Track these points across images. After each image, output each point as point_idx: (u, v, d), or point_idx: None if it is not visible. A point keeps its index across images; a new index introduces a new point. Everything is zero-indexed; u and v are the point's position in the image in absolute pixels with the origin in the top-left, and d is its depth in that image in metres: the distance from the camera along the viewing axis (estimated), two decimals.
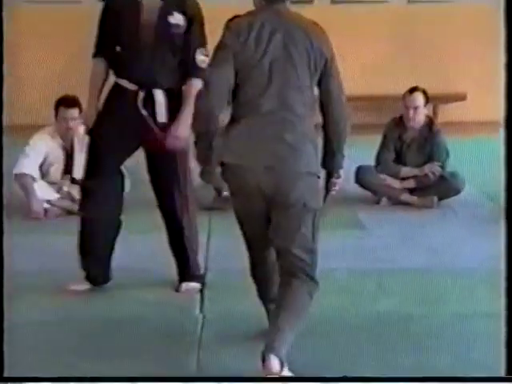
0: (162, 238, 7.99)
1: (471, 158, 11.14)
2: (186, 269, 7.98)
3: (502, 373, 5.16)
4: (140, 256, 8.57)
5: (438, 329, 6.90)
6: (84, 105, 9.51)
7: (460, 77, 15.66)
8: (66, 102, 10.25)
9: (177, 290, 7.90)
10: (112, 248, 7.95)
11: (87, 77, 7.79)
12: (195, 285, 7.91)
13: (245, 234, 6.40)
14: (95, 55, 7.81)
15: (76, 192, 10.19)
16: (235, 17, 6.29)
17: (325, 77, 6.10)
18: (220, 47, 6.03)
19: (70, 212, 10.22)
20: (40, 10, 16.44)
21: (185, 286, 7.89)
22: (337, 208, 10.35)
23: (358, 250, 8.94)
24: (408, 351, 6.49)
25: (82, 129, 9.36)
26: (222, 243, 9.09)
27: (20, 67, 15.74)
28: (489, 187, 10.81)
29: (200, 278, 8.00)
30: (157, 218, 7.93)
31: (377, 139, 10.92)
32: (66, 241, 9.15)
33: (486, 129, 14.45)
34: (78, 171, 10.00)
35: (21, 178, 10.27)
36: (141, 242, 8.98)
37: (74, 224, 9.42)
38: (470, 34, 15.89)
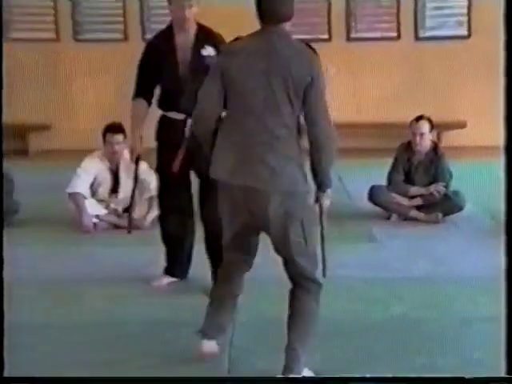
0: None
1: (471, 179, 11.14)
2: None
3: (502, 373, 4.85)
4: None
5: (443, 331, 6.88)
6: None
7: (461, 107, 15.65)
8: (113, 128, 10.30)
9: None
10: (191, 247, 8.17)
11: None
12: None
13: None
14: (135, 97, 7.88)
15: (121, 208, 10.32)
16: (236, 38, 6.35)
17: (305, 103, 5.91)
18: (213, 65, 6.22)
19: (116, 226, 10.28)
20: (91, 47, 16.47)
21: None
22: (352, 223, 10.42)
23: (371, 261, 8.89)
24: (418, 351, 6.49)
25: (126, 152, 9.48)
26: None
27: (72, 97, 15.82)
28: (487, 205, 10.83)
29: None
30: None
31: (387, 162, 10.92)
32: (112, 252, 9.24)
33: (484, 153, 14.46)
34: (124, 191, 10.26)
35: (74, 196, 10.34)
36: None
37: (120, 236, 9.53)
38: (471, 69, 15.88)
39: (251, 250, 6.35)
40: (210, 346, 6.35)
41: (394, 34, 16.44)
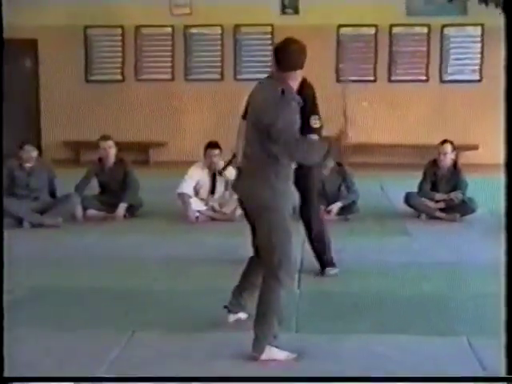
0: None
1: (481, 189, 11.03)
2: (326, 260, 7.74)
3: (503, 372, 4.36)
4: None
5: (463, 305, 6.76)
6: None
7: (474, 134, 15.54)
8: (212, 145, 10.29)
9: (322, 274, 7.69)
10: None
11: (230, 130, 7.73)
12: (336, 269, 7.71)
13: None
14: (242, 118, 7.67)
15: (216, 205, 10.28)
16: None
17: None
18: None
19: (212, 218, 10.26)
20: (197, 84, 16.46)
21: (330, 270, 7.69)
22: (391, 221, 10.34)
23: (406, 250, 8.86)
24: (441, 319, 6.41)
25: (221, 163, 9.50)
26: None
27: (182, 122, 15.81)
28: (493, 209, 10.68)
29: (335, 265, 7.76)
30: None
31: (418, 175, 10.88)
32: (211, 239, 9.18)
33: (491, 169, 14.26)
34: (219, 192, 10.50)
35: (182, 196, 10.34)
36: None
37: (216, 227, 9.46)
38: (482, 105, 15.74)
39: None
40: (233, 317, 6.24)
41: (424, 78, 16.33)
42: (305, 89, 7.15)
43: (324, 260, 7.76)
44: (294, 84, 5.87)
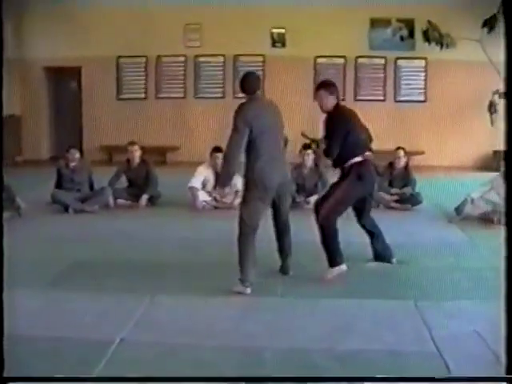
0: None
1: (427, 185, 11.00)
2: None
3: (502, 372, 4.02)
4: None
5: (412, 276, 6.74)
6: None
7: (421, 142, 15.48)
8: (216, 149, 10.17)
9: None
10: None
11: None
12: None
13: None
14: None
15: (219, 197, 10.20)
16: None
17: None
18: None
19: (215, 207, 10.19)
20: (205, 101, 16.45)
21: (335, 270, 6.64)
22: None
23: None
24: (395, 287, 6.38)
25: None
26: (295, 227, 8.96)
27: (193, 130, 15.77)
28: (435, 201, 10.69)
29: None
30: None
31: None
32: (214, 223, 9.15)
33: (435, 170, 14.29)
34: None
35: (191, 189, 10.29)
36: None
37: (218, 214, 9.42)
38: (427, 120, 15.80)
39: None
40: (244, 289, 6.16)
41: (382, 98, 16.29)
42: None
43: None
44: None
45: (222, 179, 6.51)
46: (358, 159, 6.72)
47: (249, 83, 6.47)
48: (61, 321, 5.40)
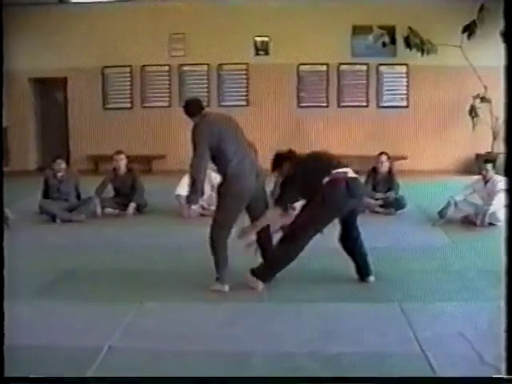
0: None
1: (410, 189, 11.04)
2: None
3: (502, 372, 3.90)
4: None
5: (396, 279, 6.77)
6: None
7: (404, 147, 15.52)
8: None
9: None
10: None
11: None
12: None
13: None
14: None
15: (205, 203, 10.15)
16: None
17: None
18: None
19: (202, 214, 10.10)
20: None
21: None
22: None
23: None
24: (379, 290, 6.41)
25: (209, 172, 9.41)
26: None
27: (178, 139, 15.82)
28: (419, 204, 10.73)
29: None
30: None
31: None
32: (201, 230, 9.14)
33: (417, 174, 14.36)
34: (206, 194, 9.85)
35: (178, 197, 10.20)
36: None
37: (204, 220, 9.41)
38: (408, 126, 15.93)
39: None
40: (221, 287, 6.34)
41: (365, 104, 16.31)
42: None
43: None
44: None
45: (191, 198, 6.51)
46: (325, 179, 6.31)
47: (193, 107, 6.73)
48: (49, 329, 5.40)
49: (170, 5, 15.70)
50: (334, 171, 6.28)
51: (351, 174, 6.40)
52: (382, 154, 10.79)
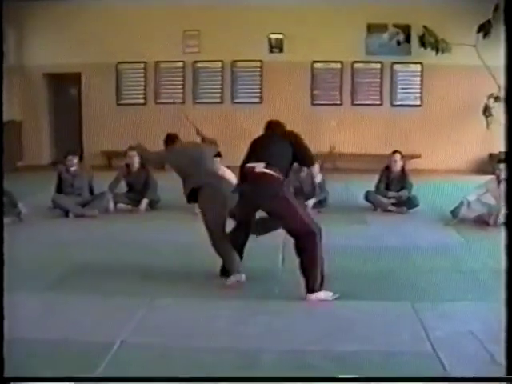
0: None
1: (422, 188, 11.01)
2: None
3: (502, 372, 3.95)
4: None
5: (409, 278, 6.75)
6: None
7: (418, 146, 15.50)
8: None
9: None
10: None
11: (227, 141, 7.70)
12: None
13: None
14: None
15: None
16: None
17: None
18: None
19: None
20: (202, 106, 16.46)
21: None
22: (353, 213, 10.27)
23: (364, 236, 8.79)
24: (392, 288, 6.42)
25: (223, 169, 9.40)
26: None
27: (191, 136, 15.76)
28: (432, 204, 10.71)
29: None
30: None
31: (375, 177, 10.83)
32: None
33: (430, 173, 14.32)
34: None
35: None
36: None
37: None
38: (422, 124, 15.83)
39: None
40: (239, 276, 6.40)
41: (379, 102, 16.30)
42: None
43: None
44: None
45: None
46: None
47: (171, 139, 8.28)
48: (61, 323, 5.40)
49: (185, 1, 15.70)
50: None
51: None
52: (395, 152, 10.77)
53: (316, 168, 10.15)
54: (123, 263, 7.39)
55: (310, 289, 5.96)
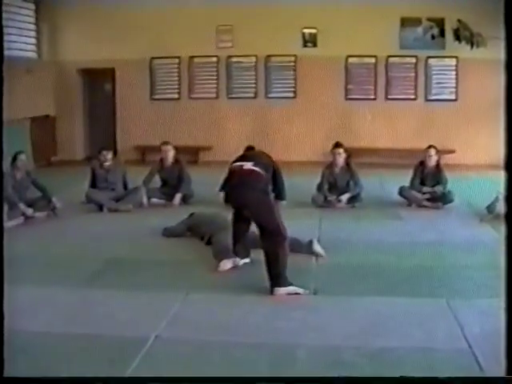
0: None
1: (458, 183, 10.93)
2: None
3: (503, 372, 3.89)
4: None
5: (444, 274, 6.69)
6: None
7: (452, 141, 15.36)
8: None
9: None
10: None
11: (261, 135, 7.68)
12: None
13: None
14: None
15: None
16: None
17: None
18: None
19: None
20: (236, 101, 16.47)
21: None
22: (387, 208, 10.20)
23: (399, 232, 8.73)
24: (427, 285, 6.37)
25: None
26: (328, 225, 8.93)
27: (224, 131, 15.74)
28: (467, 199, 10.63)
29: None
30: None
31: (410, 172, 10.74)
32: None
33: (465, 168, 14.20)
34: None
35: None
36: None
37: None
38: (457, 119, 15.65)
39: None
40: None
41: (413, 97, 16.15)
42: None
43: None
44: None
45: None
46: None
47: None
48: (96, 318, 5.44)
49: None
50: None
51: None
52: (430, 147, 10.69)
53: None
54: (157, 258, 7.43)
55: (277, 283, 6.04)
